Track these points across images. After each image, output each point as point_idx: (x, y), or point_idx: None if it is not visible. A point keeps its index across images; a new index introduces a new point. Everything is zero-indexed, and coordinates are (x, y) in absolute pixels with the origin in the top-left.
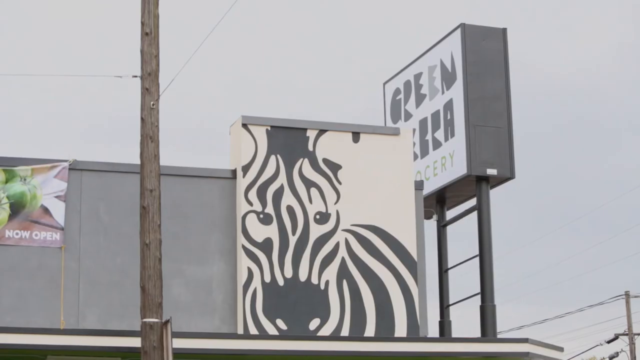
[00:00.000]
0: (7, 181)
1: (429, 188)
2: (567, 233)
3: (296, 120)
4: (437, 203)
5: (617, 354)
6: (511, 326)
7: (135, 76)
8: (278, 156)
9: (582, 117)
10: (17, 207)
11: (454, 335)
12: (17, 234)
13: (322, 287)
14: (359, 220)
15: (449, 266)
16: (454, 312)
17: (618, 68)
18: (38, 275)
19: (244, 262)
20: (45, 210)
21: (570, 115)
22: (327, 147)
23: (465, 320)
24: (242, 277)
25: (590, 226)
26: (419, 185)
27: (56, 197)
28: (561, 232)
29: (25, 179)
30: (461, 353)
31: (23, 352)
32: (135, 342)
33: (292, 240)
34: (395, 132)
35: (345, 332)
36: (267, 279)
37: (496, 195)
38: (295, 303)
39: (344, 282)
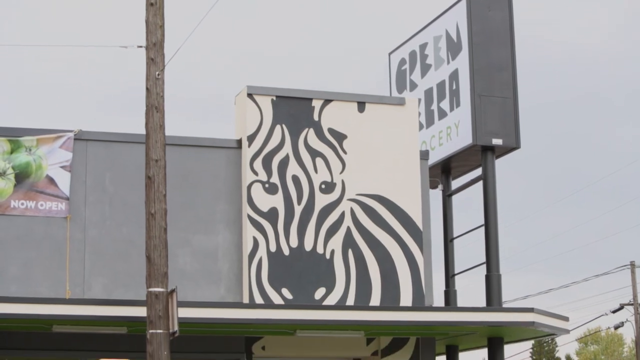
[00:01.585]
0: (12, 151)
1: (434, 158)
2: (573, 203)
3: (301, 90)
4: (442, 173)
5: (622, 324)
6: (516, 296)
7: (141, 46)
8: (283, 126)
9: (591, 88)
10: (22, 178)
11: (460, 304)
12: (22, 204)
13: (328, 256)
14: (365, 190)
15: (454, 236)
16: (459, 282)
17: (628, 38)
18: (43, 245)
19: (250, 232)
20: (51, 181)
21: (578, 86)
22: (332, 117)
23: (471, 289)
24: (248, 246)
25: (595, 196)
26: (424, 155)
27: (61, 167)
28: (566, 202)
29: (30, 150)
30: (466, 322)
31: (29, 321)
32: (140, 311)
33: (298, 209)
34: (401, 102)
35: (350, 301)
36: (273, 248)
37: (502, 165)
38: (300, 272)
39: (350, 252)
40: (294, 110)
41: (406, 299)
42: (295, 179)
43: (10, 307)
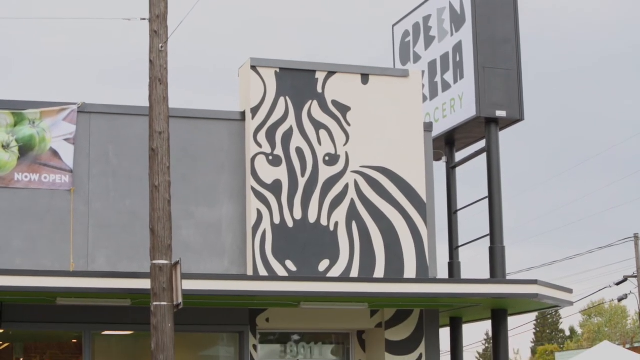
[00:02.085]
0: (15, 124)
1: (438, 130)
2: (577, 175)
3: (305, 62)
4: (446, 145)
5: (625, 296)
6: (520, 268)
7: (144, 19)
8: (287, 98)
9: (596, 58)
10: (25, 150)
11: (463, 276)
12: (26, 177)
13: (332, 228)
14: (368, 162)
15: (458, 208)
16: (463, 254)
17: (635, 5)
18: (47, 218)
19: (253, 204)
20: (54, 153)
21: (584, 55)
22: (336, 89)
23: (475, 261)
24: (252, 218)
25: (599, 168)
26: (428, 127)
27: (65, 139)
28: (571, 174)
29: (34, 122)
30: (470, 294)
31: (32, 294)
32: (144, 284)
33: (302, 181)
34: (405, 74)
35: (354, 273)
36: (277, 220)
37: (506, 137)
38: (304, 244)
39: (354, 224)
40: (298, 82)
41: (410, 270)
42: (299, 151)
43: (14, 279)
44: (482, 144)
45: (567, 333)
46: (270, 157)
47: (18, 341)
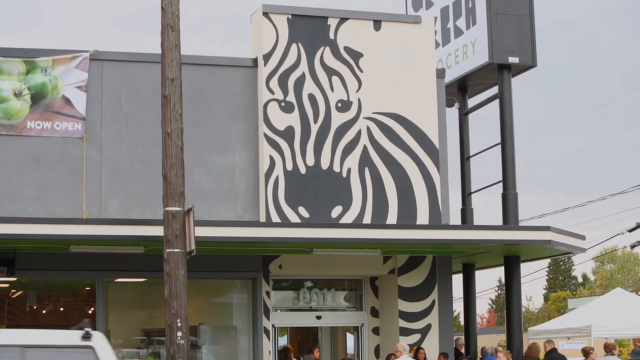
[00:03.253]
0: (27, 72)
1: (450, 76)
2: (590, 121)
3: (317, 9)
4: (458, 91)
5: (638, 243)
6: (533, 214)
7: None
8: (299, 44)
9: (612, 3)
10: (38, 98)
11: (476, 223)
12: (38, 124)
13: (344, 174)
14: (381, 108)
15: (471, 154)
16: (475, 200)
17: None
18: (60, 165)
19: (266, 150)
20: (67, 101)
21: (599, 2)
22: (348, 36)
23: (487, 208)
24: (264, 165)
25: (612, 114)
26: (440, 73)
27: (77, 87)
28: (584, 121)
29: (46, 70)
30: (483, 241)
31: (46, 242)
32: (157, 230)
33: (314, 128)
34: (417, 20)
35: (367, 219)
36: (289, 167)
37: (519, 83)
38: (317, 191)
39: (366, 170)
40: (310, 28)
41: (423, 217)
42: (312, 97)
43: (28, 227)
44: (494, 90)
45: (580, 280)
46: (283, 104)
47: (31, 289)
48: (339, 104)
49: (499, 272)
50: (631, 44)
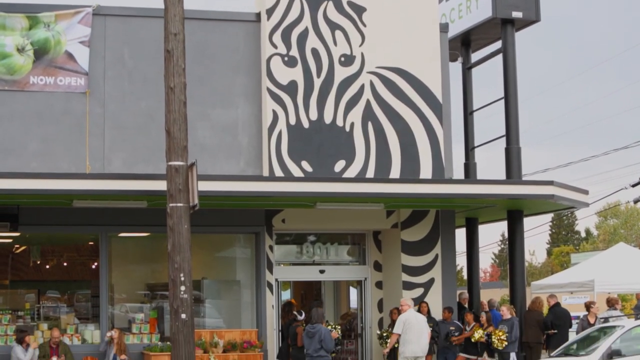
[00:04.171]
0: (30, 28)
1: (453, 31)
2: (594, 76)
3: None
4: (462, 46)
5: None
6: (536, 169)
7: None
8: None
9: None
10: (41, 53)
11: (479, 177)
12: (41, 80)
13: (347, 129)
14: (384, 63)
15: (474, 109)
16: (479, 155)
17: None
18: (63, 120)
19: (269, 105)
20: (70, 56)
21: None
22: None
23: (491, 162)
24: (267, 119)
25: (616, 69)
26: (443, 28)
27: (80, 42)
28: (588, 76)
29: (49, 25)
30: (486, 195)
31: (49, 197)
32: (161, 185)
33: (317, 82)
34: None
35: (370, 173)
36: (292, 121)
37: (523, 38)
38: (320, 145)
39: (369, 124)
40: None
41: (426, 171)
42: (315, 52)
43: (31, 182)
44: (498, 45)
45: (583, 234)
46: (286, 58)
47: (35, 244)
48: (342, 59)
49: (502, 227)
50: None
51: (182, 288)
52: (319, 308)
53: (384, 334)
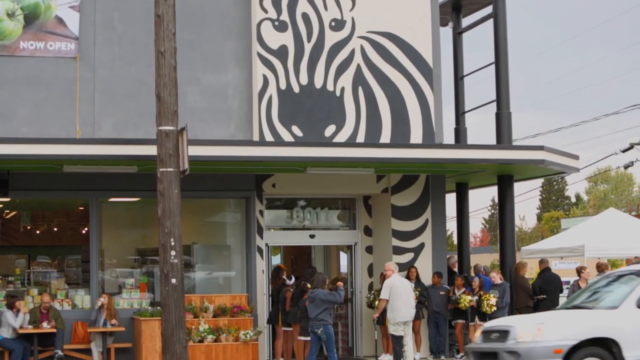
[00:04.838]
0: None
1: None
2: (585, 42)
3: None
4: (452, 10)
5: (632, 163)
6: (526, 134)
7: None
8: None
9: None
10: (31, 18)
11: (470, 142)
12: (31, 44)
13: (338, 93)
14: (375, 27)
15: (465, 73)
16: (469, 120)
17: None
18: (53, 85)
19: (259, 69)
20: (60, 21)
21: None
22: None
23: (481, 127)
24: (258, 84)
25: (607, 35)
26: None
27: (70, 7)
28: (579, 41)
29: None
30: (477, 160)
31: (39, 162)
32: (151, 150)
33: (308, 47)
34: None
35: (360, 138)
36: (283, 85)
37: (512, 3)
38: (310, 110)
39: (360, 89)
40: None
41: (416, 136)
42: (305, 16)
43: (21, 147)
44: (489, 10)
45: (573, 200)
46: (276, 23)
47: (25, 209)
48: (333, 23)
49: (492, 192)
50: None
51: (173, 253)
52: (320, 273)
53: (372, 299)
